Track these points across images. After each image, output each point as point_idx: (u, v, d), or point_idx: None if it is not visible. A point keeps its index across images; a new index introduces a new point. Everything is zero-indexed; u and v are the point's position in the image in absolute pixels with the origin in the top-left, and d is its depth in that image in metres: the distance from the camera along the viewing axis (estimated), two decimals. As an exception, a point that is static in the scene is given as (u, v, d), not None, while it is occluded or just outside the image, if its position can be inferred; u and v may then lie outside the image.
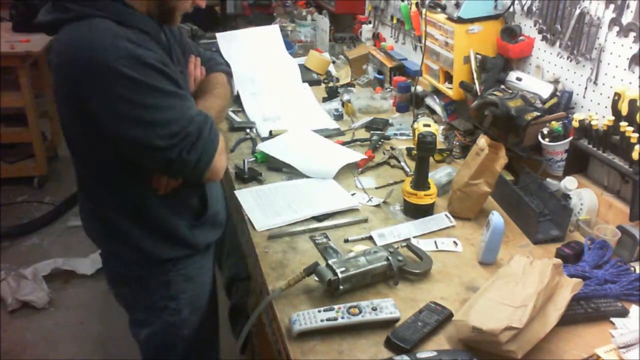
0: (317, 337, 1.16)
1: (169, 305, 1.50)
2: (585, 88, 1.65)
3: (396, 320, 1.21)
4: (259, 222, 1.59)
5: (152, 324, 1.52)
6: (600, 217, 1.55)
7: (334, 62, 2.90)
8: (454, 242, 1.52)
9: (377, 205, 1.69)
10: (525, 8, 1.88)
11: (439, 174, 1.78)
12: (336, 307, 1.20)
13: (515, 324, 1.06)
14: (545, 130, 1.66)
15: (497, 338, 1.06)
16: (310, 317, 1.17)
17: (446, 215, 1.62)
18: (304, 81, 2.61)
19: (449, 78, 2.08)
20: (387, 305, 1.22)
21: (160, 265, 1.45)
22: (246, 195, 1.73)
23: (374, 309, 1.20)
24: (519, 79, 1.83)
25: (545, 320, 1.13)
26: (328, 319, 1.17)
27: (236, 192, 1.75)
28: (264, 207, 1.66)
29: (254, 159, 1.94)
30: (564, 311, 1.15)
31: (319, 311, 1.19)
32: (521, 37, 1.88)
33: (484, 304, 1.14)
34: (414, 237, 1.53)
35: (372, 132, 2.16)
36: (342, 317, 1.18)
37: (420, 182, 1.61)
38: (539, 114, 1.67)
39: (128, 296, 1.54)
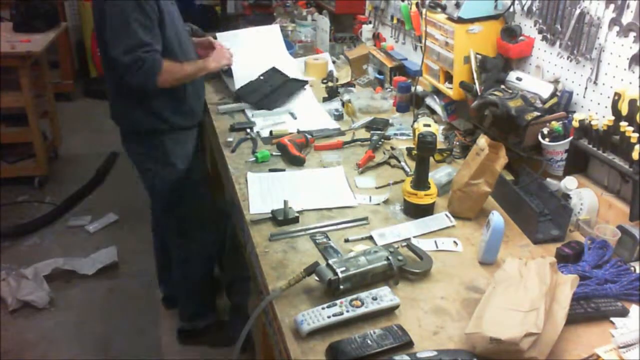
0: (317, 336, 1.17)
1: (165, 159, 2.20)
2: (585, 88, 1.65)
3: (397, 306, 1.23)
4: (254, 205, 1.66)
5: (158, 172, 2.22)
6: (600, 217, 1.55)
7: (334, 62, 2.90)
8: (454, 242, 1.52)
9: (377, 205, 1.69)
10: (525, 8, 1.88)
11: (439, 174, 1.78)
12: (338, 302, 1.21)
13: (534, 329, 1.05)
14: (545, 130, 1.66)
15: (519, 346, 1.04)
16: (317, 315, 1.18)
17: (446, 215, 1.62)
18: (304, 81, 2.61)
19: (449, 78, 2.08)
20: (385, 294, 1.23)
21: (157, 132, 2.16)
22: (255, 179, 1.82)
23: (374, 298, 1.22)
24: (519, 79, 1.83)
25: (554, 320, 1.12)
26: (334, 314, 1.18)
27: (249, 175, 1.84)
28: (265, 192, 1.73)
29: (254, 159, 1.94)
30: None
31: (323, 308, 1.19)
32: (521, 37, 1.88)
33: (493, 313, 1.12)
34: (414, 237, 1.53)
35: (372, 132, 2.16)
36: (347, 311, 1.19)
37: (421, 182, 1.61)
38: (539, 114, 1.67)
39: (139, 151, 2.24)
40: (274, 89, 2.45)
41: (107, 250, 3.19)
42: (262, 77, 2.50)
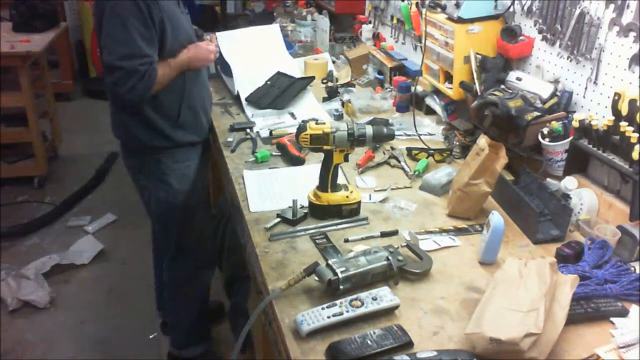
0: (317, 336, 1.17)
1: (160, 177, 2.06)
2: (585, 88, 1.65)
3: (397, 306, 1.23)
4: (253, 204, 1.68)
5: (153, 190, 2.10)
6: (600, 217, 1.55)
7: (334, 62, 2.90)
8: (450, 238, 1.52)
9: (377, 205, 1.69)
10: (525, 8, 1.88)
11: (439, 174, 1.78)
12: (338, 302, 1.21)
13: (534, 329, 1.05)
14: (545, 130, 1.66)
15: (519, 347, 1.04)
16: (316, 315, 1.18)
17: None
18: (304, 81, 2.61)
19: (449, 78, 2.08)
20: (385, 294, 1.23)
21: (156, 149, 2.03)
22: (252, 177, 1.82)
23: (374, 298, 1.22)
24: (519, 79, 1.83)
25: (554, 320, 1.12)
26: (334, 315, 1.18)
27: (245, 172, 1.84)
28: (263, 190, 1.74)
29: (254, 159, 1.94)
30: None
31: (323, 308, 1.19)
32: (521, 37, 1.88)
33: (493, 313, 1.12)
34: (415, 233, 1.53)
35: (372, 132, 2.16)
36: (347, 311, 1.19)
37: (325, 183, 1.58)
38: (539, 114, 1.67)
39: (135, 165, 2.11)
40: (282, 91, 2.44)
41: (85, 239, 3.29)
42: (269, 82, 2.50)
